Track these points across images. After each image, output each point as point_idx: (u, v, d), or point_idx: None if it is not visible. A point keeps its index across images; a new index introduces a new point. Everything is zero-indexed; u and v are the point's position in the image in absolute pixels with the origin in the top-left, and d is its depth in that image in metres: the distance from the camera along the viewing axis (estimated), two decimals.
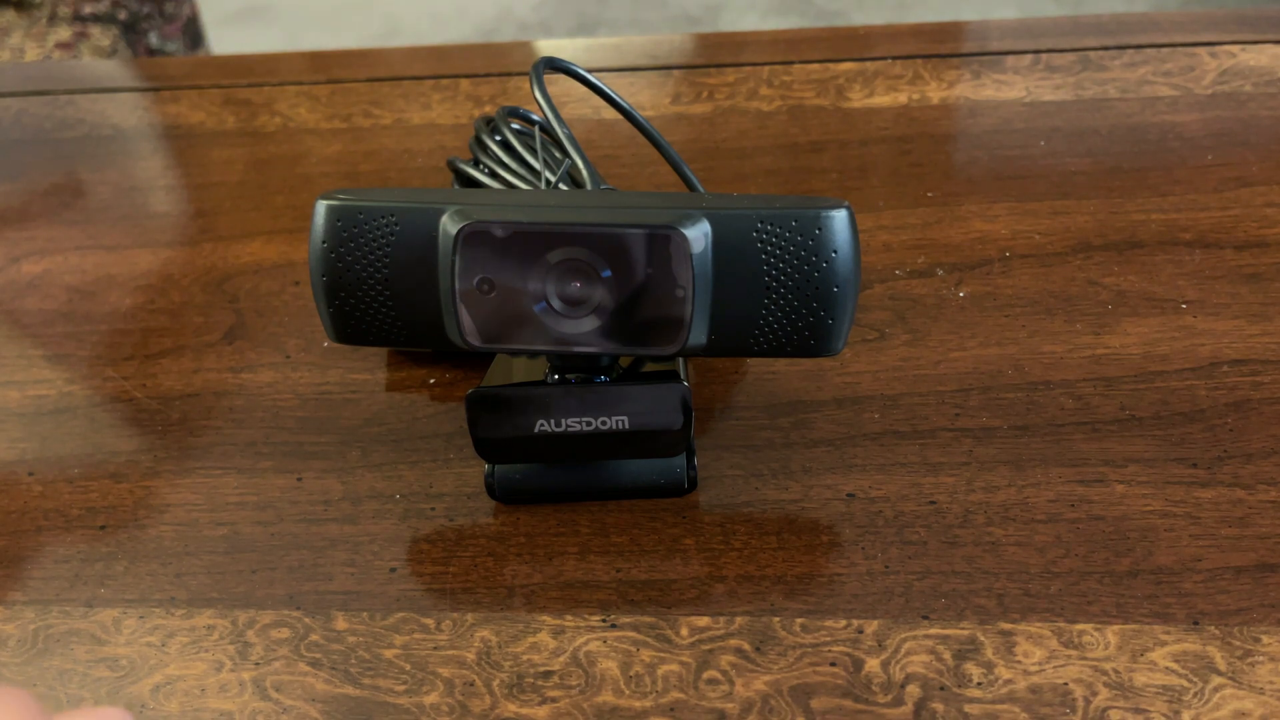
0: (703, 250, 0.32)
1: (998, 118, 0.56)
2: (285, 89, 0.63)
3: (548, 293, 0.33)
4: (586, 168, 0.41)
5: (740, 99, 0.59)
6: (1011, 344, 0.43)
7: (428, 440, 0.41)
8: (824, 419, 0.40)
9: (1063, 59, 0.59)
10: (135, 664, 0.35)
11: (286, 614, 0.36)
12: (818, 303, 0.33)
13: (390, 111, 0.61)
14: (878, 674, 0.33)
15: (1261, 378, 0.41)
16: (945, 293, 0.46)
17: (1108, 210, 0.49)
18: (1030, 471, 0.38)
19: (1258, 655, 0.32)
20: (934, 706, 0.32)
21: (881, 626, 0.34)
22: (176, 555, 0.38)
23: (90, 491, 0.41)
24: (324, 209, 0.34)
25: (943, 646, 0.33)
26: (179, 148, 0.60)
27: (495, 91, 0.62)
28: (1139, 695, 0.31)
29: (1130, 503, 0.37)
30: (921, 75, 0.59)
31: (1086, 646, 0.33)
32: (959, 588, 0.35)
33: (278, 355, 0.46)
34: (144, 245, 0.53)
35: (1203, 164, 0.51)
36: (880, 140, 0.55)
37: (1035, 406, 0.40)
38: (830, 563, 0.36)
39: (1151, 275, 0.45)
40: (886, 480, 0.38)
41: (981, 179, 0.52)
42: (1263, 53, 0.58)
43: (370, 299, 0.34)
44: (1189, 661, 0.32)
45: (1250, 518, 0.36)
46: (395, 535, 0.38)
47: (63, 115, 0.63)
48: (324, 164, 0.57)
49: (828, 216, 0.32)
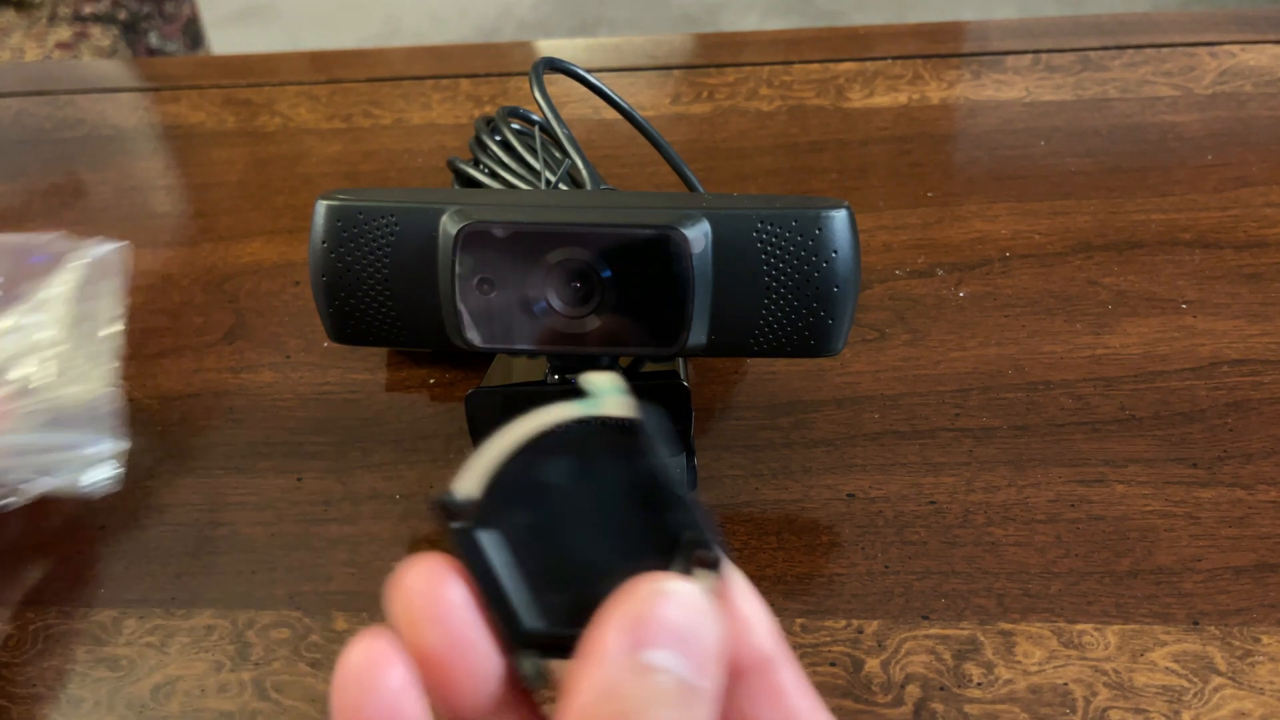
0: (703, 250, 0.32)
1: (998, 118, 0.56)
2: (285, 89, 0.63)
3: (548, 293, 0.33)
4: (586, 168, 0.41)
5: (740, 99, 0.59)
6: (1011, 344, 0.43)
7: (428, 440, 0.41)
8: (824, 419, 0.40)
9: (1063, 59, 0.59)
10: (135, 664, 0.35)
11: (286, 614, 0.36)
12: (818, 303, 0.33)
13: (390, 111, 0.61)
14: (878, 674, 0.33)
15: (1261, 378, 0.41)
16: (945, 293, 0.45)
17: (1108, 210, 0.49)
18: (1030, 471, 0.38)
19: (1258, 655, 0.32)
20: (934, 707, 0.32)
21: (881, 626, 0.34)
22: (176, 555, 0.38)
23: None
24: (324, 209, 0.34)
25: (943, 646, 0.33)
26: (179, 148, 0.60)
27: (495, 92, 0.62)
28: (1139, 695, 0.31)
29: (1130, 503, 0.37)
30: (921, 75, 0.59)
31: (1086, 647, 0.33)
32: (959, 588, 0.35)
33: (278, 355, 0.46)
34: (144, 245, 0.52)
35: (1203, 164, 0.51)
36: (880, 140, 0.55)
37: (1035, 406, 0.40)
38: (830, 563, 0.36)
39: (1151, 275, 0.45)
40: (886, 480, 0.38)
41: (981, 179, 0.52)
42: (1263, 53, 0.58)
43: (370, 299, 0.34)
44: (1189, 662, 0.32)
45: (1250, 518, 0.36)
46: (395, 535, 0.38)
47: (63, 115, 0.63)
48: (324, 164, 0.57)
49: (828, 216, 0.32)
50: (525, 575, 0.22)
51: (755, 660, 0.21)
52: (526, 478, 0.22)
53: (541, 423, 0.22)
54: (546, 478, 0.22)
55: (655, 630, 0.20)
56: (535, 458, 0.22)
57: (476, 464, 0.22)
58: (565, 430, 0.22)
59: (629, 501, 0.22)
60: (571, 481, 0.22)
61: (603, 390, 0.22)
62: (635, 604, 0.20)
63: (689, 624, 0.20)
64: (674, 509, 0.22)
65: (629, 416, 0.22)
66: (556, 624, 0.22)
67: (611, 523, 0.22)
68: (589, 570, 0.22)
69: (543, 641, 0.22)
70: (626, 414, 0.22)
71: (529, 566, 0.22)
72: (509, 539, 0.22)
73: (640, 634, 0.19)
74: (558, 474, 0.22)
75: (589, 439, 0.22)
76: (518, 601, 0.22)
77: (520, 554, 0.22)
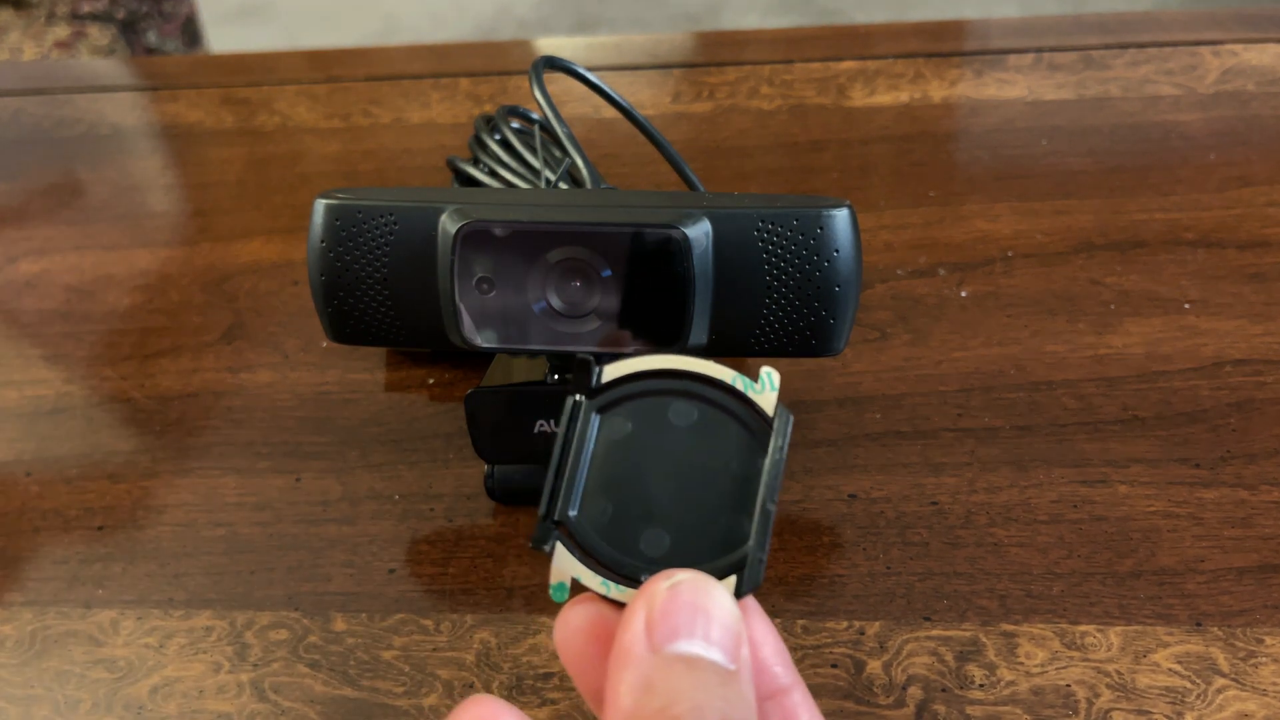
0: (703, 250, 0.32)
1: (999, 117, 0.56)
2: (284, 88, 0.63)
3: (547, 292, 0.32)
4: (586, 167, 0.41)
5: (741, 98, 0.59)
6: (1014, 344, 0.43)
7: (427, 440, 0.41)
8: (825, 419, 0.40)
9: (1065, 58, 0.59)
10: (133, 665, 0.35)
11: (285, 615, 0.36)
12: (819, 302, 0.33)
13: (389, 110, 0.61)
14: (879, 676, 0.32)
15: (1265, 378, 0.40)
16: (947, 292, 0.45)
17: (1110, 210, 0.49)
18: (1032, 472, 0.38)
19: (1261, 656, 0.32)
20: (936, 708, 0.31)
21: (883, 628, 0.34)
22: (174, 556, 0.38)
23: (88, 492, 0.40)
24: (323, 208, 0.34)
25: (945, 648, 0.33)
26: (177, 147, 0.60)
27: (495, 90, 0.62)
28: (1142, 697, 0.31)
29: (1133, 503, 0.36)
30: (923, 74, 0.59)
31: (1089, 648, 0.33)
32: (961, 589, 0.34)
33: (276, 355, 0.45)
34: (142, 245, 0.52)
35: (1205, 163, 0.51)
36: (882, 139, 0.55)
37: (1038, 407, 0.40)
38: (831, 564, 0.36)
39: (1154, 275, 0.45)
40: (888, 481, 0.38)
41: (983, 178, 0.52)
42: (1265, 51, 0.58)
43: (369, 299, 0.34)
44: (1192, 663, 0.32)
45: (1253, 518, 0.36)
46: (394, 536, 0.38)
47: (61, 114, 0.63)
48: (323, 163, 0.57)
49: (829, 216, 0.32)
50: (597, 471, 0.23)
51: (771, 687, 0.22)
52: (659, 404, 0.24)
53: (704, 369, 0.24)
54: (672, 416, 0.24)
55: (673, 621, 0.20)
56: (676, 397, 0.24)
57: (631, 364, 0.24)
58: (715, 391, 0.24)
59: (721, 482, 0.23)
60: (689, 433, 0.24)
61: (769, 382, 0.23)
62: (654, 600, 0.20)
63: (709, 610, 0.20)
64: (752, 515, 0.23)
65: (771, 414, 0.23)
66: (592, 529, 0.23)
67: (694, 487, 0.23)
68: (647, 507, 0.23)
69: (569, 534, 0.23)
70: (770, 410, 0.23)
71: (606, 469, 0.23)
72: (609, 436, 0.24)
73: (663, 628, 0.20)
74: (683, 419, 0.24)
75: (728, 411, 0.24)
76: (575, 486, 0.23)
77: (608, 453, 0.23)
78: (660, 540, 0.23)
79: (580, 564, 0.23)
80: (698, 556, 0.23)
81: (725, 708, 0.19)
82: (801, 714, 0.22)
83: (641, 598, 0.21)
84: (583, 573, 0.23)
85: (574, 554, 0.23)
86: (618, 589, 0.23)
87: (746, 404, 0.23)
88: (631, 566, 0.23)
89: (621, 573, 0.23)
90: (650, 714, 0.19)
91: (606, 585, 0.23)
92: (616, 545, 0.23)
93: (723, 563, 0.22)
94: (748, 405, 0.23)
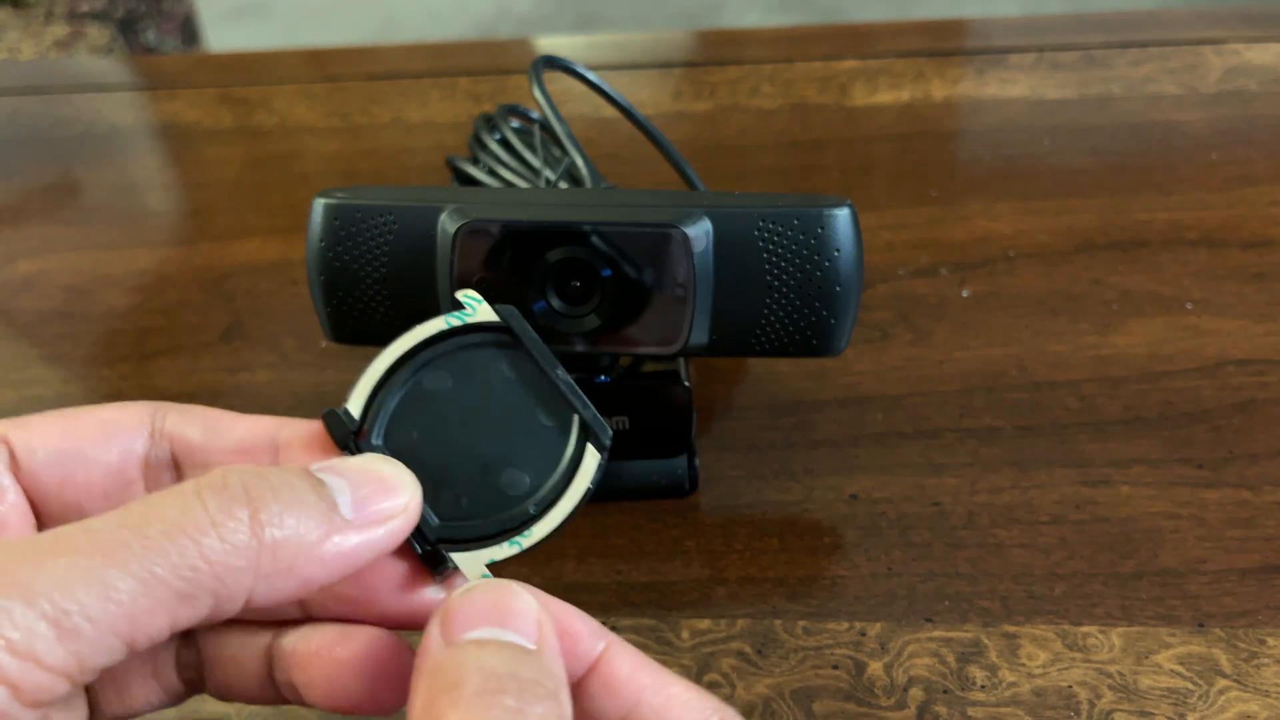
0: (704, 249, 0.31)
1: (1001, 116, 0.56)
2: (282, 87, 0.63)
3: (547, 292, 0.32)
4: (586, 166, 0.41)
5: (742, 97, 0.59)
6: (1016, 344, 0.43)
7: None
8: (826, 419, 0.40)
9: (1066, 56, 0.59)
10: None
11: None
12: (820, 302, 0.32)
13: (388, 109, 0.61)
14: (880, 677, 0.32)
15: (1267, 378, 0.40)
16: (949, 292, 0.45)
17: (1112, 209, 0.49)
18: (1034, 472, 0.38)
19: (1263, 657, 0.32)
20: (937, 710, 0.31)
21: (884, 629, 0.33)
22: None
23: None
24: (321, 207, 0.33)
25: (946, 649, 0.33)
26: (175, 146, 0.60)
27: (494, 89, 0.61)
28: (1144, 698, 0.31)
29: (1135, 504, 0.36)
30: (924, 73, 0.59)
31: (1091, 649, 0.32)
32: (962, 590, 0.34)
33: (275, 355, 0.45)
34: (140, 244, 0.52)
35: (1207, 162, 0.51)
36: (883, 138, 0.55)
37: (1040, 407, 0.40)
38: (833, 565, 0.35)
39: (1156, 274, 0.45)
40: (890, 481, 0.38)
41: (985, 177, 0.52)
42: (1268, 51, 0.58)
43: (368, 298, 0.34)
44: (1194, 664, 0.32)
45: (1256, 519, 0.36)
46: None
47: (59, 114, 0.63)
48: (321, 162, 0.57)
49: (830, 215, 0.32)
50: (420, 480, 0.23)
51: (584, 655, 0.22)
52: (412, 391, 0.25)
53: (417, 338, 0.25)
54: (431, 388, 0.25)
55: (466, 616, 0.21)
56: (418, 371, 0.25)
57: (361, 383, 0.25)
58: (444, 344, 0.25)
59: (513, 395, 0.25)
60: (455, 388, 0.25)
61: (471, 300, 0.25)
62: (448, 604, 0.21)
63: (505, 603, 0.21)
64: (556, 395, 0.24)
65: (498, 320, 0.24)
66: (455, 519, 0.24)
67: (500, 418, 0.25)
68: (485, 464, 0.24)
69: (445, 537, 0.24)
70: (495, 318, 0.25)
71: (422, 473, 0.23)
72: (399, 450, 0.24)
73: (453, 623, 0.20)
74: (439, 382, 0.25)
75: (467, 348, 0.25)
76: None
77: (412, 462, 0.23)
78: (518, 479, 0.24)
79: (480, 550, 0.24)
80: (550, 461, 0.24)
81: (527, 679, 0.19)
82: (621, 663, 0.22)
83: (439, 607, 0.21)
84: (489, 553, 0.24)
85: (468, 549, 0.24)
86: (524, 536, 0.24)
87: (475, 330, 0.25)
88: (519, 511, 0.24)
89: (515, 526, 0.24)
90: (441, 693, 0.19)
91: (515, 543, 0.24)
92: (489, 510, 0.24)
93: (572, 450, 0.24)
94: (478, 330, 0.25)
